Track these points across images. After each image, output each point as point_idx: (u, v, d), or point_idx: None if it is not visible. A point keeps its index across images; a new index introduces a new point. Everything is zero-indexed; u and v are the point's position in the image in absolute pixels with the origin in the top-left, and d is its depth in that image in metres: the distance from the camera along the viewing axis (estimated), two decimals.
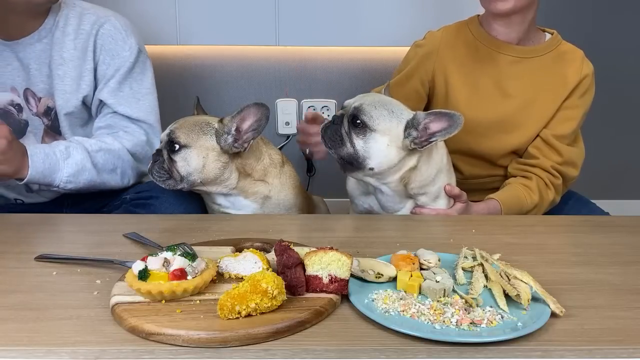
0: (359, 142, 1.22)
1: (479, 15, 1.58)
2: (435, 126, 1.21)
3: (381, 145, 1.21)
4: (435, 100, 1.56)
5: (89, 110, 1.49)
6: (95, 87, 1.46)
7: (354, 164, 1.24)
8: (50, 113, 1.45)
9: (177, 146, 1.27)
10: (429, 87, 1.57)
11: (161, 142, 1.32)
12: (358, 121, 1.22)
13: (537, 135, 1.52)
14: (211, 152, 1.28)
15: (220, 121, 1.29)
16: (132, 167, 1.46)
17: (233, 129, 1.27)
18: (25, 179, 1.29)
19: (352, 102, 1.27)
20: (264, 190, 1.36)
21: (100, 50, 1.44)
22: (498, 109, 1.51)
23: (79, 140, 1.39)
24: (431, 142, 1.22)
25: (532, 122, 1.52)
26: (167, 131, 1.30)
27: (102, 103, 1.46)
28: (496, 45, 1.51)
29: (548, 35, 1.56)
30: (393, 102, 1.27)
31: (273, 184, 1.37)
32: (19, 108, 1.43)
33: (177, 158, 1.27)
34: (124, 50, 1.45)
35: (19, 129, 1.44)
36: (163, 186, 1.30)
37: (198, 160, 1.27)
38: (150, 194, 1.40)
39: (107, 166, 1.40)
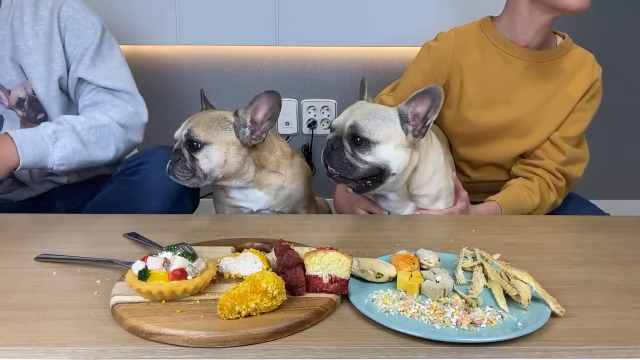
0: (368, 158, 1.20)
1: (492, 18, 1.56)
2: (421, 108, 1.21)
3: (388, 152, 1.20)
4: (448, 102, 1.54)
5: (67, 93, 1.49)
6: (68, 69, 1.46)
7: (374, 177, 1.22)
8: (23, 104, 1.44)
9: (197, 144, 1.26)
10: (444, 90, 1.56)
11: (176, 141, 1.31)
12: (358, 139, 1.20)
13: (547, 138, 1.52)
14: (232, 146, 1.28)
15: (235, 114, 1.29)
16: (123, 140, 1.45)
17: (248, 120, 1.27)
18: (19, 167, 1.28)
19: (342, 122, 1.24)
20: (278, 181, 1.37)
21: (65, 32, 1.44)
22: (511, 114, 1.51)
23: (68, 120, 1.37)
24: (427, 125, 1.21)
25: (544, 126, 1.51)
26: (184, 130, 1.29)
27: (81, 81, 1.46)
28: (511, 49, 1.49)
29: (560, 39, 1.55)
30: (378, 107, 1.26)
31: (286, 175, 1.38)
32: None
33: (199, 156, 1.26)
34: (87, 29, 1.45)
35: None
36: (187, 185, 1.29)
37: (220, 156, 1.27)
38: (139, 160, 1.41)
39: (100, 143, 1.40)
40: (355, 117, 1.22)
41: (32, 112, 1.45)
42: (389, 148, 1.20)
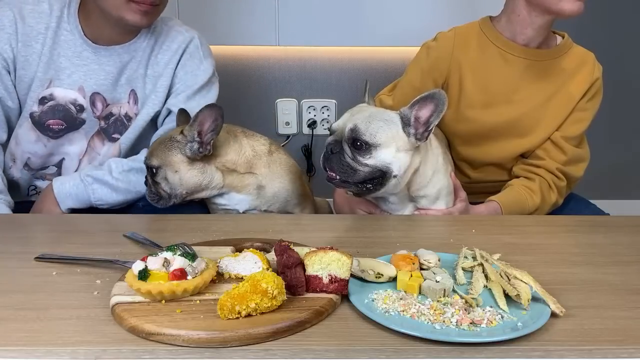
0: (370, 161, 1.19)
1: (491, 17, 1.56)
2: (424, 113, 1.20)
3: (389, 155, 1.19)
4: (447, 102, 1.55)
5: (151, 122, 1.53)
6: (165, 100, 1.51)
7: (376, 180, 1.21)
8: (109, 119, 1.49)
9: (153, 169, 1.31)
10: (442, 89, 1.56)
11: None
12: (359, 143, 1.19)
13: (548, 138, 1.52)
14: (181, 164, 1.30)
15: (181, 132, 1.30)
16: None
17: (195, 135, 1.28)
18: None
19: (342, 125, 1.23)
20: (254, 181, 1.37)
21: (180, 66, 1.50)
22: (511, 112, 1.50)
23: (109, 164, 1.43)
24: (430, 129, 1.21)
25: (545, 126, 1.51)
26: (145, 158, 1.34)
27: (168, 111, 1.51)
28: (511, 48, 1.49)
29: (559, 39, 1.55)
30: (379, 110, 1.25)
31: (262, 174, 1.38)
32: (80, 109, 1.46)
33: (158, 179, 1.31)
34: (199, 70, 1.51)
35: (74, 125, 1.47)
36: (158, 206, 1.33)
37: (173, 176, 1.30)
38: None
39: (131, 185, 1.43)
40: (356, 120, 1.21)
41: (113, 129, 1.50)
42: (391, 151, 1.20)
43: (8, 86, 1.41)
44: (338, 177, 1.22)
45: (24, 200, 1.53)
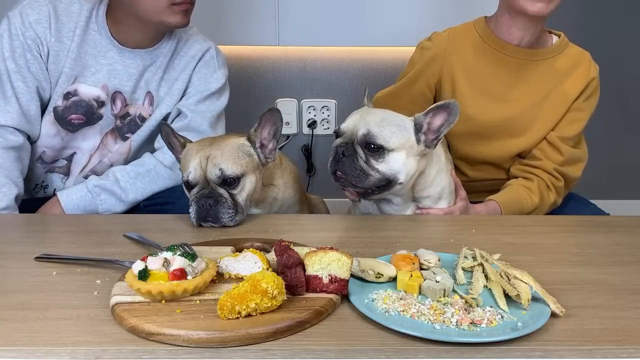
0: (381, 166, 1.20)
1: (485, 17, 1.57)
2: (437, 121, 1.21)
3: (400, 161, 1.20)
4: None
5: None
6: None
7: (382, 186, 1.22)
8: (125, 118, 1.53)
9: (234, 179, 1.20)
10: (435, 90, 1.56)
11: (195, 185, 1.21)
12: (373, 146, 1.19)
13: (544, 138, 1.52)
14: (257, 170, 1.25)
15: (248, 138, 1.25)
16: (171, 178, 1.49)
17: (258, 141, 1.25)
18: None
19: (352, 127, 1.23)
20: (273, 194, 1.35)
21: (195, 72, 1.55)
22: (505, 112, 1.51)
23: (114, 173, 1.46)
24: (439, 138, 1.22)
25: (540, 125, 1.51)
26: (214, 170, 1.18)
27: (177, 111, 1.55)
28: (504, 48, 1.50)
29: (555, 38, 1.55)
30: (392, 114, 1.26)
31: (279, 185, 1.36)
32: (101, 104, 1.50)
33: (236, 191, 1.21)
34: (212, 78, 1.56)
35: (91, 120, 1.51)
36: (231, 224, 1.19)
37: (251, 184, 1.23)
38: (166, 199, 1.42)
39: (139, 190, 1.46)
40: (368, 123, 1.21)
41: (126, 129, 1.54)
42: (402, 156, 1.20)
43: (46, 75, 1.45)
44: (348, 179, 1.21)
45: (28, 197, 1.54)
